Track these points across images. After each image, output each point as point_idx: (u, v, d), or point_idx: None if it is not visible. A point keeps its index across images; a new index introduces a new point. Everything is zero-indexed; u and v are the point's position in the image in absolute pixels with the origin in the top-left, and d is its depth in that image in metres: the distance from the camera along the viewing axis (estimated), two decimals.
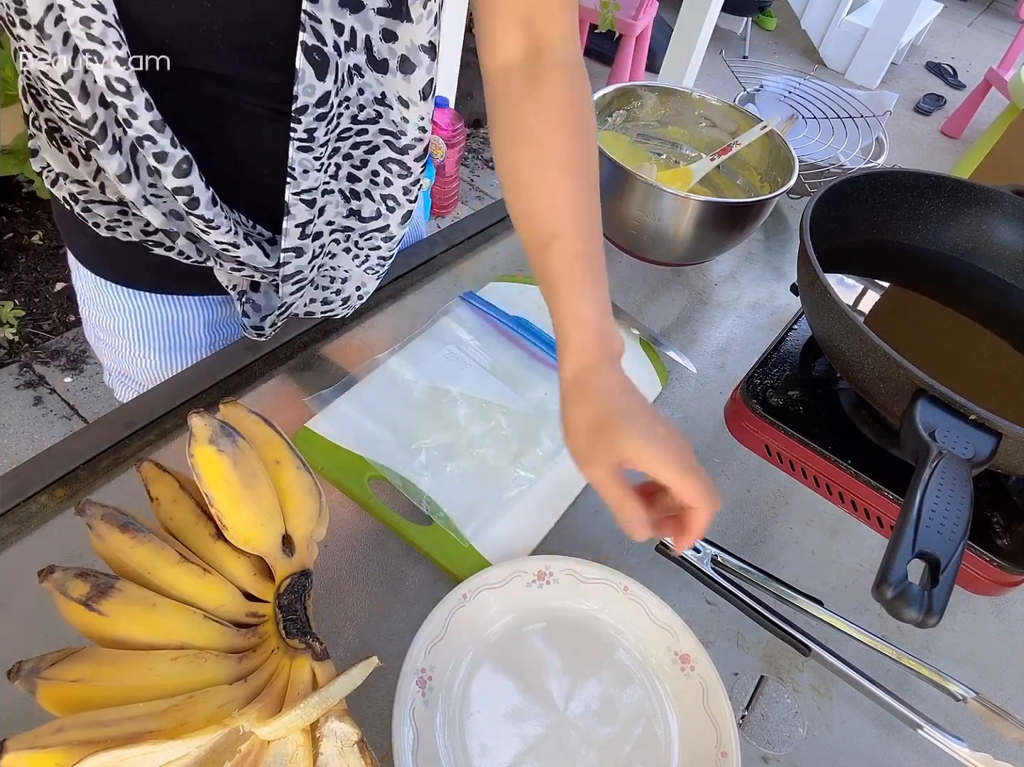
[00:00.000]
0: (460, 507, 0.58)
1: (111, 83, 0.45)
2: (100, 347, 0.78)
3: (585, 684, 0.51)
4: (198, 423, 0.43)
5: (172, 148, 0.49)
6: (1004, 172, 1.74)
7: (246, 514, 0.44)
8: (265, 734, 0.38)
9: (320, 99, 0.50)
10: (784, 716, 0.52)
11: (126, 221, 0.61)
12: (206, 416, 0.44)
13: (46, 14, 0.43)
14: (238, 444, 0.45)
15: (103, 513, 0.42)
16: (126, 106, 0.46)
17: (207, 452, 0.43)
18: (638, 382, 0.72)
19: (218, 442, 0.43)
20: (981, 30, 4.87)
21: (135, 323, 0.71)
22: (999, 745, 0.53)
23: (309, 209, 0.57)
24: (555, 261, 0.52)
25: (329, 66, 0.49)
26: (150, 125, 0.47)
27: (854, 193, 0.72)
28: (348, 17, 0.47)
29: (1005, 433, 0.50)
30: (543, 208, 0.52)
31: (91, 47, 0.43)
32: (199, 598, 0.42)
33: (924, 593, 0.43)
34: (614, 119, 0.91)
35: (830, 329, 0.60)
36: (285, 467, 0.48)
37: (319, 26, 0.47)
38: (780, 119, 0.90)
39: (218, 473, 0.43)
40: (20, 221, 2.01)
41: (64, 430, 1.66)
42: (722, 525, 0.63)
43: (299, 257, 0.60)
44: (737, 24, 3.93)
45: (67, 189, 0.60)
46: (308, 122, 0.51)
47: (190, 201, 0.52)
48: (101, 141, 0.48)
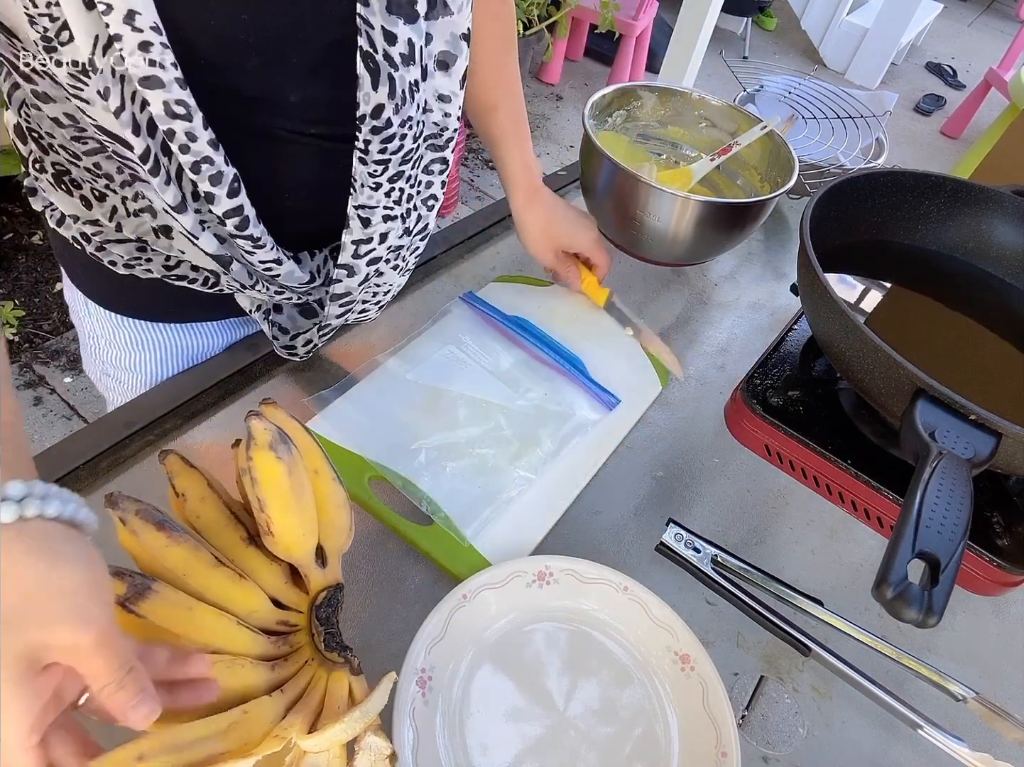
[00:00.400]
0: (460, 507, 0.58)
1: (170, 107, 0.43)
2: (107, 383, 0.75)
3: (585, 684, 0.51)
4: (258, 427, 0.43)
5: (226, 167, 0.48)
6: (1004, 172, 1.74)
7: (293, 522, 0.44)
8: (309, 746, 0.38)
9: (374, 110, 0.49)
10: (784, 716, 0.52)
11: (146, 258, 0.59)
12: (265, 421, 0.44)
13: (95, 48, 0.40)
14: (292, 453, 0.44)
15: (138, 508, 0.41)
16: (185, 129, 0.44)
17: (267, 458, 0.43)
18: (638, 382, 0.73)
19: (277, 449, 0.43)
20: (981, 30, 4.87)
21: (153, 356, 0.70)
22: (999, 745, 0.53)
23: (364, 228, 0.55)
24: (503, 120, 0.72)
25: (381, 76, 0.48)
26: (208, 145, 0.46)
27: (854, 193, 0.72)
28: (401, 27, 0.46)
29: (1005, 433, 0.50)
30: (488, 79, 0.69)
31: (151, 73, 0.41)
32: (232, 603, 0.42)
33: (924, 593, 0.43)
34: (614, 119, 0.91)
35: (830, 329, 0.60)
36: (322, 478, 0.48)
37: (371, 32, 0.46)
38: (780, 119, 0.90)
39: (275, 480, 0.43)
40: (20, 221, 2.01)
41: (64, 430, 1.66)
42: (722, 525, 0.63)
43: (350, 277, 0.59)
44: (737, 24, 3.93)
45: (77, 229, 0.58)
46: (365, 133, 0.50)
47: (241, 222, 0.50)
48: (156, 174, 0.46)
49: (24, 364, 1.75)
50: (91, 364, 0.76)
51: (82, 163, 0.53)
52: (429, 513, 0.58)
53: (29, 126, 0.54)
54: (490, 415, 0.65)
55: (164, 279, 0.61)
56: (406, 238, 0.61)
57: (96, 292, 0.68)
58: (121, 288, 0.64)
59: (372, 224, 0.55)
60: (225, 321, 0.72)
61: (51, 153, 0.55)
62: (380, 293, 0.66)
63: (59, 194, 0.57)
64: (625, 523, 0.62)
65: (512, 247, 0.88)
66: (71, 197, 0.57)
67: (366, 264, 0.58)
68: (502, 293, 0.78)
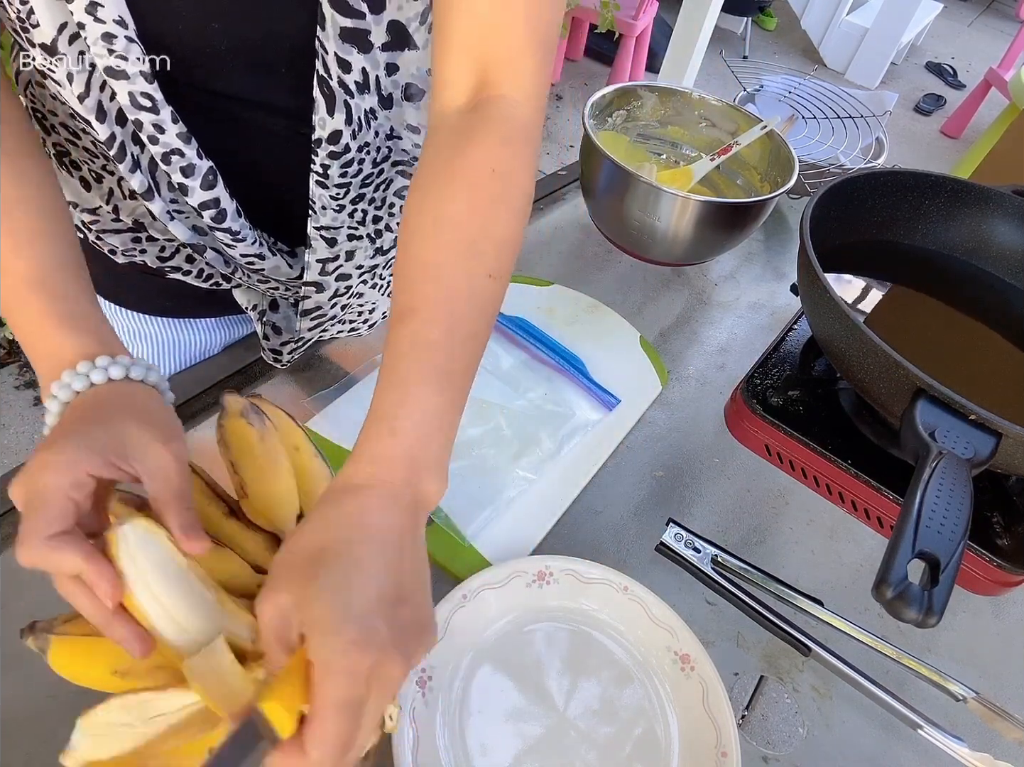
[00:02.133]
0: (460, 507, 0.58)
1: (136, 99, 0.44)
2: None
3: (585, 684, 0.51)
4: (231, 399, 0.47)
5: (198, 160, 0.48)
6: (1004, 172, 1.74)
7: (267, 487, 0.46)
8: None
9: (331, 136, 0.49)
10: (784, 716, 0.52)
11: (140, 249, 0.60)
12: (236, 395, 0.47)
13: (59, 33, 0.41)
14: (265, 423, 0.47)
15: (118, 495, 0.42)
16: (152, 121, 0.45)
17: (238, 424, 0.46)
18: (638, 382, 0.73)
19: (249, 417, 0.46)
20: (981, 30, 4.87)
21: (151, 350, 0.71)
22: (999, 745, 0.53)
23: (329, 247, 0.56)
24: (399, 342, 0.39)
25: (336, 102, 0.47)
26: (177, 138, 0.46)
27: (854, 193, 0.72)
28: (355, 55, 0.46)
29: (1005, 433, 0.50)
30: (411, 279, 0.41)
31: (113, 64, 0.42)
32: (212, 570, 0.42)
33: (924, 593, 0.43)
34: (614, 119, 0.91)
35: (830, 329, 0.60)
36: (303, 454, 0.50)
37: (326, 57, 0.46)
38: (780, 119, 0.90)
39: (246, 444, 0.46)
40: None
41: None
42: (722, 525, 0.63)
43: (319, 293, 0.60)
44: (737, 24, 3.94)
45: (79, 218, 0.59)
46: (322, 157, 0.50)
47: (217, 214, 0.51)
48: (121, 160, 0.47)
49: (24, 364, 1.75)
50: None
51: (81, 142, 0.54)
52: (429, 513, 0.58)
53: (34, 106, 0.55)
54: (490, 415, 0.65)
55: (160, 271, 0.62)
56: (380, 257, 0.62)
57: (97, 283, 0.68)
58: (120, 280, 0.65)
59: (337, 243, 0.57)
60: (223, 318, 0.72)
61: (53, 134, 0.56)
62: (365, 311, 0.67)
63: (62, 176, 0.58)
64: (625, 523, 0.62)
65: None
66: (72, 178, 0.58)
67: (335, 279, 0.59)
68: None
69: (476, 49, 0.43)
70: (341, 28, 0.44)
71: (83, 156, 0.55)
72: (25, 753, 0.43)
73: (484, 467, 0.62)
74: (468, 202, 0.41)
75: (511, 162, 0.43)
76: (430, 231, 0.41)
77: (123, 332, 0.70)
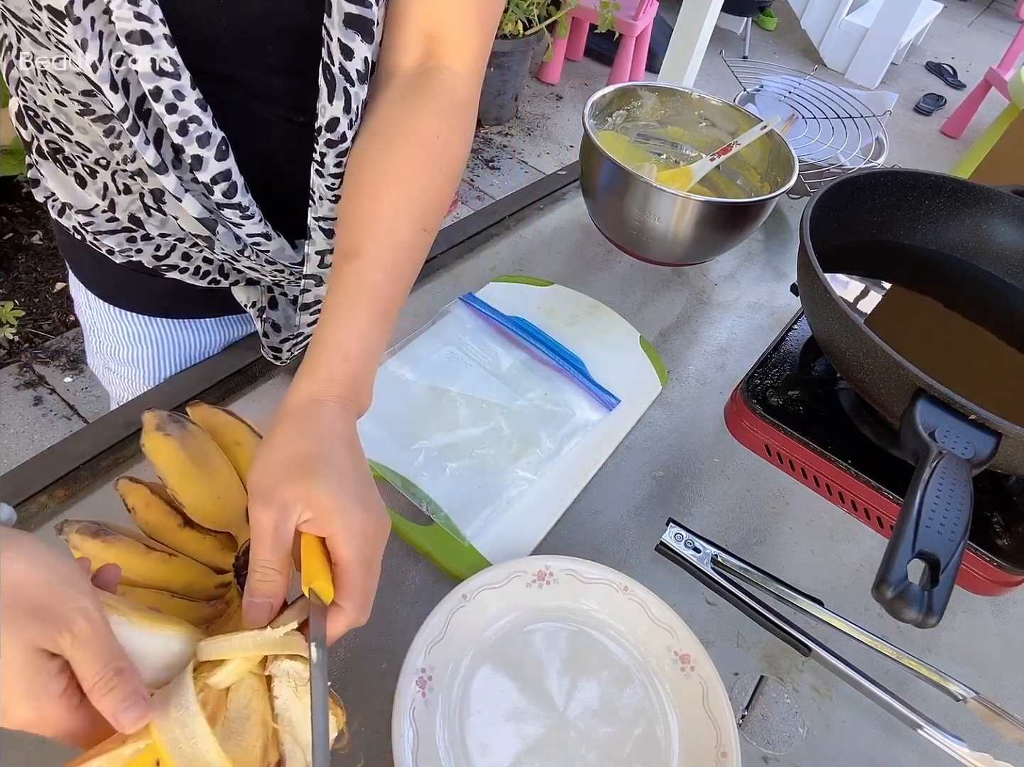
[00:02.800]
0: (460, 507, 0.58)
1: (158, 64, 0.44)
2: (110, 378, 0.76)
3: (585, 684, 0.51)
4: (147, 416, 0.48)
5: (214, 128, 0.49)
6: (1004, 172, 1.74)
7: (199, 489, 0.46)
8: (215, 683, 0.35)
9: (329, 123, 0.49)
10: (784, 716, 0.52)
11: (137, 248, 0.60)
12: (156, 410, 0.48)
13: None
14: (187, 428, 0.48)
15: (79, 527, 0.44)
16: (173, 87, 0.45)
17: (155, 438, 0.47)
18: (638, 382, 0.73)
19: (165, 428, 0.47)
20: (981, 30, 4.87)
21: (152, 352, 0.71)
22: (999, 745, 0.53)
23: (327, 239, 0.56)
24: (346, 278, 0.45)
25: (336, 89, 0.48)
26: (195, 104, 0.47)
27: (854, 193, 0.72)
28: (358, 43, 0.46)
29: (1005, 433, 0.50)
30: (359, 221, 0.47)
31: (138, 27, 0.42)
32: (169, 581, 0.44)
33: (924, 593, 0.43)
34: (614, 119, 0.91)
35: (830, 329, 0.60)
36: (245, 447, 0.51)
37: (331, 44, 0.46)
38: (780, 119, 0.90)
39: (167, 455, 0.47)
40: (20, 221, 2.01)
41: (64, 430, 1.66)
42: (722, 525, 0.63)
43: (319, 286, 0.60)
44: (737, 24, 3.93)
45: (75, 219, 0.60)
46: (320, 145, 0.50)
47: (228, 188, 0.51)
48: (135, 133, 0.47)
49: (24, 364, 1.75)
50: (93, 358, 0.77)
51: (73, 137, 0.54)
52: (429, 513, 0.58)
53: (26, 104, 0.55)
54: (490, 415, 0.65)
55: (158, 271, 0.62)
56: None
57: (97, 285, 0.68)
58: (120, 281, 0.65)
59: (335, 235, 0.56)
60: (222, 319, 0.72)
61: (45, 131, 0.56)
62: None
63: (57, 176, 0.58)
64: (625, 523, 0.62)
65: (512, 247, 0.88)
66: (66, 176, 0.58)
67: None
68: (502, 293, 0.78)
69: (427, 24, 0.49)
70: (346, 14, 0.45)
71: (76, 151, 0.55)
72: (25, 753, 0.43)
73: (484, 467, 0.62)
74: (415, 163, 0.48)
75: (453, 132, 0.50)
76: (380, 183, 0.47)
77: (124, 335, 0.70)
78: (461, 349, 0.71)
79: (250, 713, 0.36)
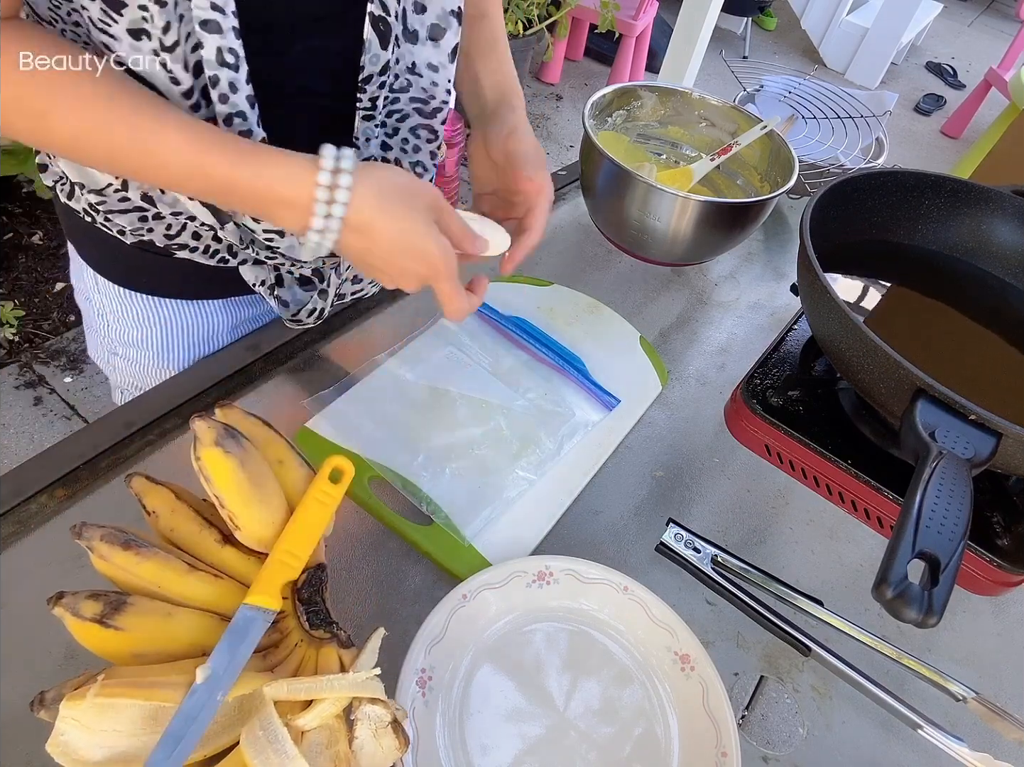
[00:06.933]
0: (460, 507, 0.58)
1: (222, 54, 0.45)
2: (115, 362, 0.76)
3: (585, 684, 0.51)
4: (202, 426, 0.43)
5: (256, 127, 0.50)
6: (1004, 172, 1.74)
7: (258, 513, 0.44)
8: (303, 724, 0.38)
9: (383, 67, 0.53)
10: (784, 716, 0.52)
11: (148, 228, 0.60)
12: (208, 419, 0.44)
13: None
14: (243, 445, 0.44)
15: (102, 534, 0.41)
16: (230, 79, 0.46)
17: (214, 454, 0.43)
18: (638, 382, 0.73)
19: (224, 444, 0.43)
20: (981, 30, 4.87)
21: (160, 332, 0.71)
22: (999, 745, 0.53)
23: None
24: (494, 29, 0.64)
25: (391, 35, 0.51)
26: (245, 100, 0.48)
27: (854, 193, 0.72)
28: None
29: (1005, 433, 0.50)
30: None
31: (212, 17, 0.44)
32: (215, 604, 0.42)
33: (924, 593, 0.43)
34: (614, 119, 0.91)
35: (830, 329, 0.60)
36: (288, 466, 0.48)
37: None
38: (780, 119, 0.90)
39: (227, 475, 0.43)
40: (20, 221, 2.01)
41: (64, 430, 1.65)
42: (722, 525, 0.63)
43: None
44: (737, 24, 3.93)
45: (86, 200, 0.59)
46: (372, 91, 0.53)
47: None
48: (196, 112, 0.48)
49: (24, 364, 1.75)
50: (98, 345, 0.76)
51: None
52: (429, 513, 0.58)
53: None
54: (490, 415, 0.65)
55: (168, 251, 0.62)
56: None
57: (106, 266, 0.69)
58: (130, 262, 0.66)
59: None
60: (231, 300, 0.72)
61: None
62: None
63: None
64: (625, 523, 0.62)
65: None
66: None
67: None
68: (502, 293, 0.78)
69: None
70: None
71: None
72: (25, 753, 0.43)
73: (484, 467, 0.62)
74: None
75: None
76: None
77: (134, 317, 0.70)
78: (461, 349, 0.71)
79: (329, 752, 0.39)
